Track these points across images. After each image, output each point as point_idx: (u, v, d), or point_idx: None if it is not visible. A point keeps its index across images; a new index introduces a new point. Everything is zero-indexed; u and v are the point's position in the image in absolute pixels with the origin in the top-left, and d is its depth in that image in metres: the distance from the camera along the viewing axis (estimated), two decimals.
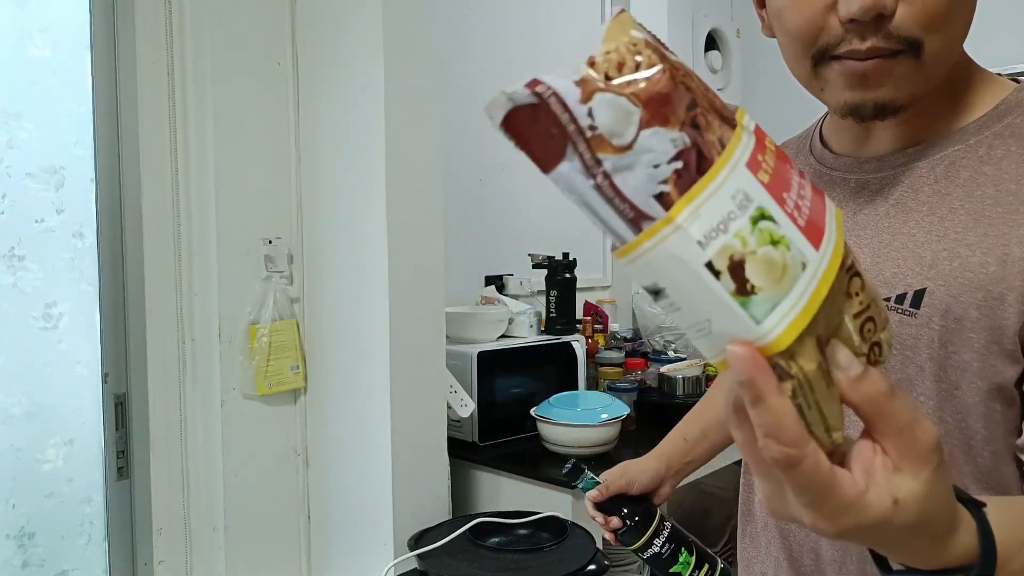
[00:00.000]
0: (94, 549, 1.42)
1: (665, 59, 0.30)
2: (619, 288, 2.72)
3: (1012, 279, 0.53)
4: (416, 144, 1.47)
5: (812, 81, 0.59)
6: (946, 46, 0.55)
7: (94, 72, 1.38)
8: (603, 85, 0.29)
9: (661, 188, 0.29)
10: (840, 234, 0.34)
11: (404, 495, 1.45)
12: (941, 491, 0.36)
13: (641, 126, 0.29)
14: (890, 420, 0.34)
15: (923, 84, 0.56)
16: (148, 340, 1.44)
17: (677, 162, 0.29)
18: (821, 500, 0.33)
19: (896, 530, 0.35)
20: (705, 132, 0.30)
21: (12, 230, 1.30)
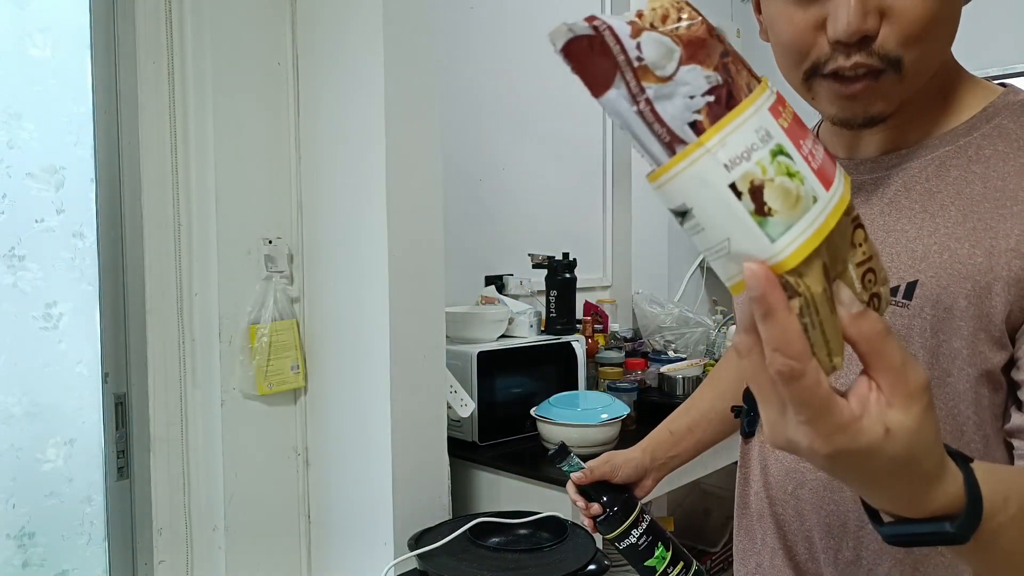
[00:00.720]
0: (94, 549, 1.42)
1: (704, 18, 0.35)
2: (619, 288, 2.72)
3: (999, 269, 0.57)
4: (416, 144, 1.47)
5: (804, 92, 0.63)
6: (925, 59, 0.58)
7: (94, 72, 1.39)
8: (651, 30, 0.34)
9: (695, 116, 0.33)
10: (848, 189, 0.38)
11: (404, 495, 1.45)
12: (929, 431, 0.38)
13: (681, 62, 0.33)
14: (884, 358, 0.37)
15: (906, 93, 0.60)
16: (148, 340, 1.44)
17: (710, 96, 0.33)
18: (818, 417, 0.36)
19: (885, 462, 0.37)
20: (736, 76, 0.35)
21: (12, 230, 1.30)
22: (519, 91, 2.36)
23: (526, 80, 2.38)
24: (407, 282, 1.45)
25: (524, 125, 2.38)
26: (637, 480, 0.98)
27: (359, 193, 1.46)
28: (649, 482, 0.99)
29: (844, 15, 0.55)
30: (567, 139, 2.55)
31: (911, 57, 0.57)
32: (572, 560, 1.21)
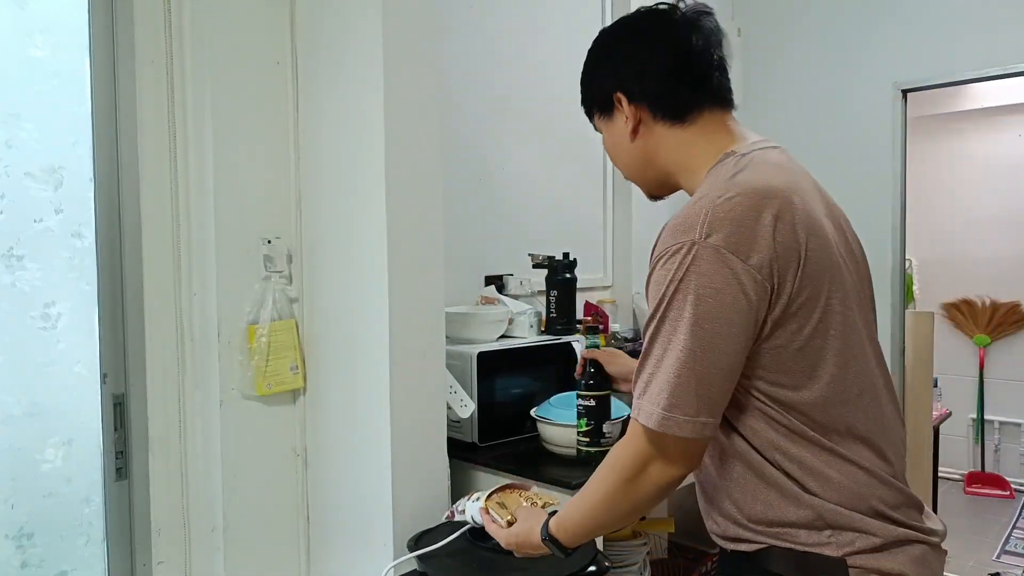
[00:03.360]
0: (93, 549, 1.41)
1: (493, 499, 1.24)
2: (619, 288, 2.72)
3: None
4: (416, 144, 1.47)
5: None
6: (628, 172, 1.11)
7: (93, 72, 1.38)
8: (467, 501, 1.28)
9: (462, 508, 1.28)
10: (502, 486, 1.27)
11: (404, 496, 1.45)
12: (521, 536, 1.10)
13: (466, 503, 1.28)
14: None
15: (646, 189, 1.13)
16: (147, 340, 1.44)
17: (467, 499, 1.28)
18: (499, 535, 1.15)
19: (514, 543, 1.12)
20: (489, 504, 1.22)
21: (11, 230, 1.30)
22: (519, 91, 2.35)
23: (526, 80, 2.38)
24: (407, 282, 1.45)
25: (524, 125, 2.38)
26: (623, 378, 1.42)
27: (358, 193, 1.46)
28: None
29: None
30: (567, 139, 2.55)
31: (623, 172, 1.12)
32: (572, 561, 1.20)
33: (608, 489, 0.96)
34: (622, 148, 1.06)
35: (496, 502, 1.20)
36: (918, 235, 4.11)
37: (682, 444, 0.89)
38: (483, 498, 1.20)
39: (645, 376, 0.90)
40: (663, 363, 0.88)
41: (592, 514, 0.99)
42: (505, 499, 1.21)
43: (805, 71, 3.16)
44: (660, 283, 0.88)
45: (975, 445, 4.42)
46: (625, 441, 0.94)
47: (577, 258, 2.12)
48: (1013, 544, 3.53)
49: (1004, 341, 4.36)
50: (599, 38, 1.10)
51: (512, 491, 1.25)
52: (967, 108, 4.38)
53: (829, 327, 0.90)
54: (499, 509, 1.17)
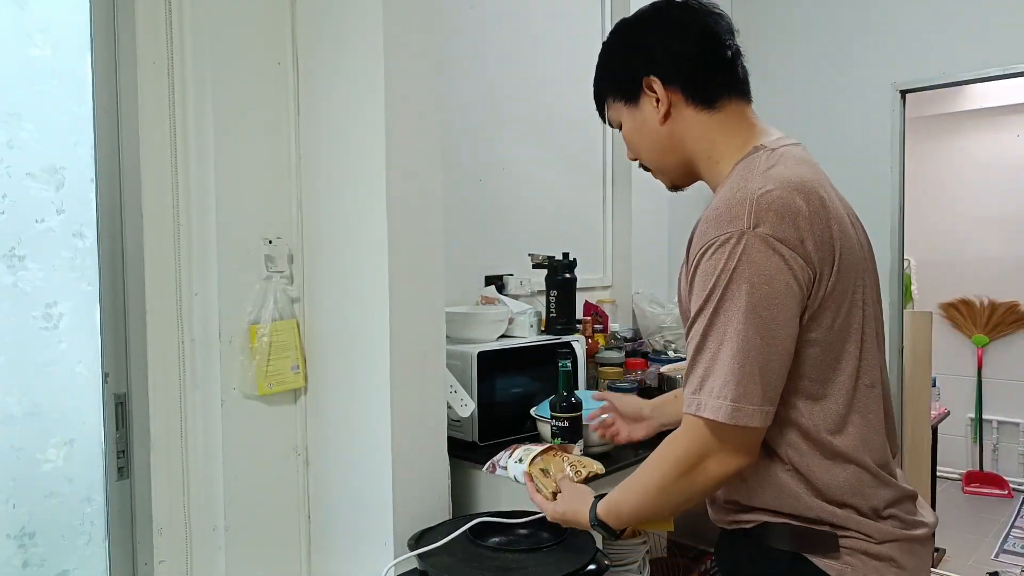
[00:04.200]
0: (94, 549, 1.42)
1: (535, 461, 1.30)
2: (619, 288, 2.72)
3: None
4: (416, 144, 1.47)
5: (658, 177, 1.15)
6: (656, 165, 1.10)
7: (94, 72, 1.39)
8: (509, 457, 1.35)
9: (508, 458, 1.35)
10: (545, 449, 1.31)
11: (404, 495, 1.45)
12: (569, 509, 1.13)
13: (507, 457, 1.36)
14: None
15: (670, 177, 1.11)
16: (148, 340, 1.44)
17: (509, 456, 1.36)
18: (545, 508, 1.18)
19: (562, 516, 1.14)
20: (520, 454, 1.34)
21: (12, 230, 1.30)
22: (519, 91, 2.36)
23: (526, 80, 2.38)
24: (407, 282, 1.45)
25: (524, 125, 2.38)
26: (633, 420, 1.41)
27: (359, 193, 1.46)
28: (642, 426, 1.39)
29: None
30: (567, 139, 2.55)
31: (646, 162, 1.11)
32: (572, 560, 1.21)
33: (662, 482, 0.96)
34: (648, 134, 1.05)
35: (539, 468, 1.21)
36: (917, 235, 4.11)
37: (745, 435, 0.90)
38: (527, 461, 1.23)
39: (700, 370, 0.90)
40: (721, 354, 0.88)
41: (644, 503, 1.00)
42: (548, 463, 1.22)
43: (804, 72, 3.17)
44: (710, 273, 0.88)
45: (973, 444, 4.43)
46: (681, 435, 0.94)
47: (577, 258, 2.13)
48: (1012, 543, 3.54)
49: (1002, 341, 4.37)
50: (621, 29, 1.09)
51: (555, 454, 1.26)
52: (966, 108, 4.39)
53: (853, 320, 0.93)
54: (543, 478, 1.18)
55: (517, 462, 1.25)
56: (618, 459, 1.63)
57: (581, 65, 2.60)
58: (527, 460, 1.24)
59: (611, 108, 1.11)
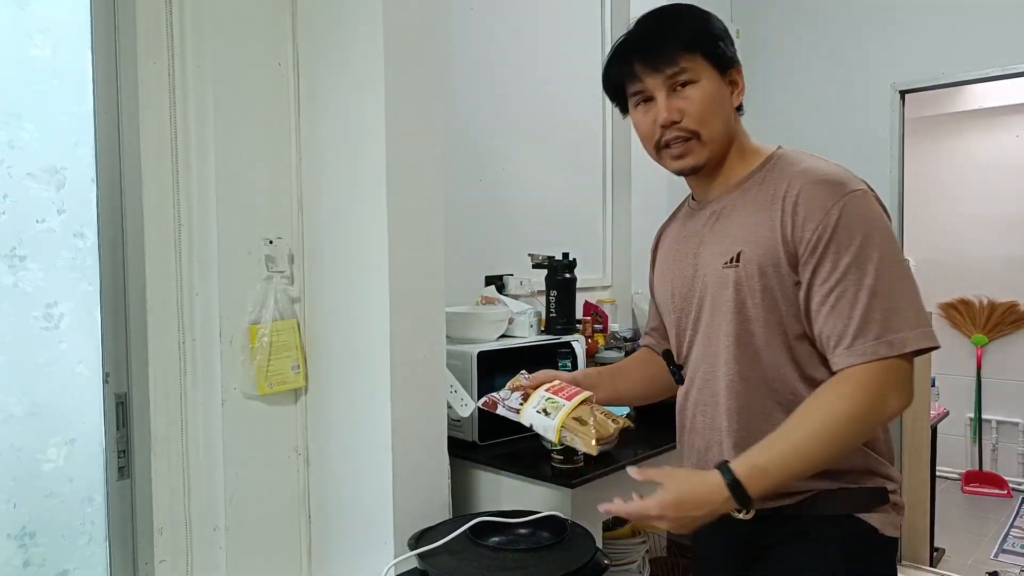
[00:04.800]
0: (95, 549, 1.42)
1: (521, 387, 1.24)
2: (619, 288, 2.73)
3: (779, 243, 1.03)
4: (416, 144, 1.47)
5: (658, 160, 1.14)
6: (712, 134, 1.09)
7: (95, 72, 1.39)
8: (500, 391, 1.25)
9: (520, 402, 1.20)
10: (584, 396, 1.17)
11: (404, 494, 1.45)
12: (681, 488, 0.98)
13: (511, 393, 1.22)
14: None
15: (709, 154, 1.10)
16: (149, 340, 1.45)
17: (521, 396, 1.20)
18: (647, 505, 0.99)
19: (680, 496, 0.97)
20: (528, 392, 1.21)
21: (13, 230, 1.30)
22: (519, 91, 2.36)
23: (526, 80, 2.38)
24: (407, 282, 1.45)
25: (524, 125, 2.39)
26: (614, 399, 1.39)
27: (360, 193, 1.47)
28: None
29: (662, 113, 1.08)
30: (567, 139, 2.56)
31: (703, 131, 1.08)
32: (572, 559, 1.21)
33: (837, 427, 0.95)
34: (724, 108, 1.10)
35: (574, 418, 1.09)
36: (916, 235, 4.11)
37: (911, 369, 0.97)
38: (559, 415, 1.10)
39: (880, 310, 0.95)
40: (899, 289, 0.96)
41: (806, 452, 0.95)
42: (582, 413, 1.11)
43: (803, 73, 3.17)
44: (861, 217, 0.98)
45: (973, 444, 4.43)
46: (864, 376, 0.95)
47: (577, 258, 2.13)
48: (1011, 543, 3.54)
49: (1002, 341, 4.37)
50: (707, 12, 1.13)
51: (589, 404, 1.14)
52: (966, 108, 4.39)
53: None
54: (579, 427, 1.08)
55: (540, 412, 1.11)
56: (617, 458, 1.64)
57: (581, 65, 2.62)
58: (559, 414, 1.09)
59: (695, 61, 1.06)
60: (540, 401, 1.14)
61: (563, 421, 1.09)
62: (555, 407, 1.12)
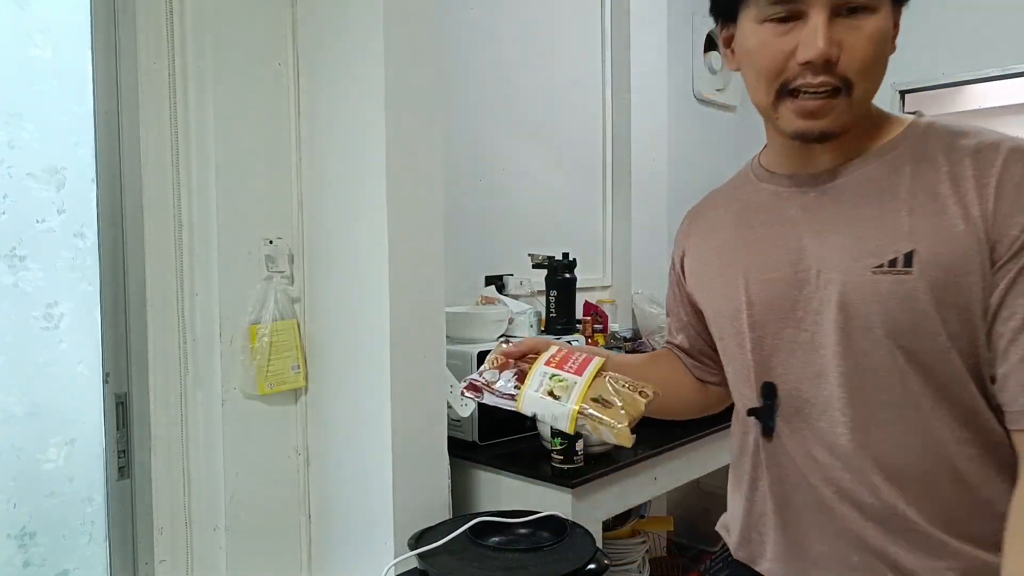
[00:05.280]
0: (95, 548, 1.42)
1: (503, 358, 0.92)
2: (619, 288, 2.73)
3: (974, 235, 0.72)
4: (416, 144, 1.47)
5: (770, 111, 0.79)
6: (868, 90, 0.77)
7: (95, 72, 1.39)
8: (483, 370, 0.91)
9: (515, 384, 0.87)
10: (598, 365, 0.86)
11: (404, 494, 1.45)
12: None
13: (499, 374, 0.88)
14: None
15: (851, 118, 0.77)
16: (149, 340, 1.45)
17: (515, 376, 0.88)
18: None
19: None
20: (523, 366, 0.89)
21: (13, 230, 1.30)
22: (519, 91, 2.36)
23: (526, 80, 2.38)
24: (407, 282, 1.45)
25: (524, 125, 2.38)
26: None
27: (359, 193, 1.47)
28: None
29: (815, 42, 0.72)
30: (567, 139, 2.56)
31: (860, 84, 0.75)
32: (572, 559, 1.21)
33: None
34: (887, 51, 0.78)
35: (593, 399, 0.80)
36: None
37: None
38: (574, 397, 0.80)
39: None
40: None
41: None
42: (599, 390, 0.82)
43: None
44: None
45: None
46: None
47: (577, 258, 2.13)
48: None
49: None
50: None
51: (603, 376, 0.85)
52: (966, 108, 4.39)
53: None
54: (604, 410, 0.79)
55: (546, 396, 0.82)
56: (617, 459, 1.64)
57: (581, 65, 2.62)
58: (573, 394, 0.80)
59: None
60: (543, 380, 0.83)
61: (580, 404, 0.79)
62: (564, 386, 0.82)
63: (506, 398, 0.86)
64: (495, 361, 0.90)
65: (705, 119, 3.18)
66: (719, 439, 1.89)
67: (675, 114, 2.95)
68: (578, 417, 0.80)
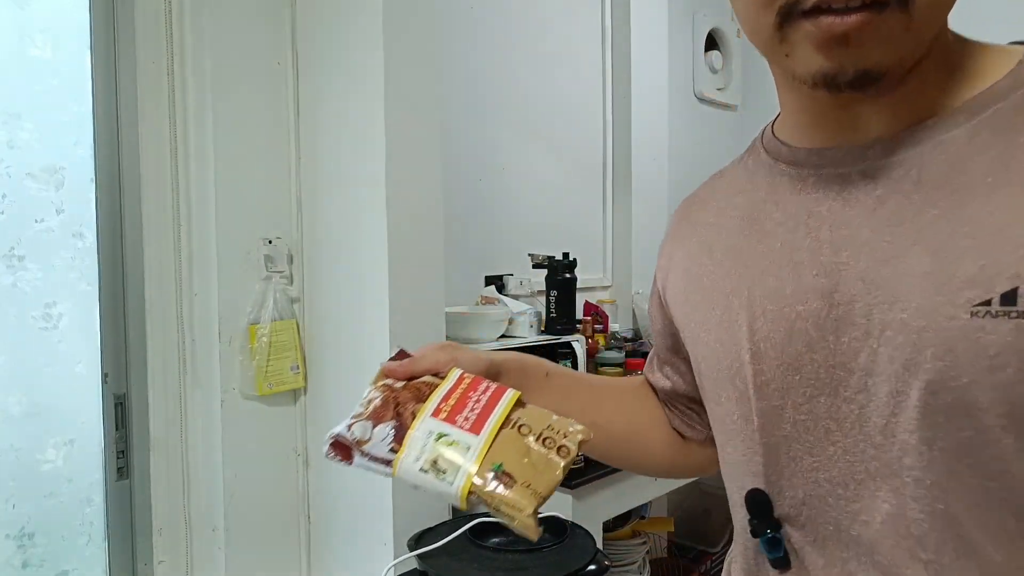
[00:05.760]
0: (94, 549, 1.41)
1: (389, 390, 0.64)
2: (619, 288, 2.72)
3: None
4: (416, 144, 1.47)
5: (775, 45, 0.48)
6: (936, 7, 0.46)
7: (94, 72, 1.38)
8: (357, 419, 0.61)
9: (391, 446, 0.59)
10: (509, 403, 0.60)
11: (404, 495, 1.45)
12: None
13: (373, 427, 0.60)
14: None
15: (911, 48, 0.47)
16: (148, 340, 1.44)
17: (393, 432, 0.59)
18: None
19: None
20: (404, 414, 0.61)
21: (12, 230, 1.30)
22: (519, 91, 2.36)
23: (526, 80, 2.38)
24: (407, 282, 1.45)
25: (524, 125, 2.38)
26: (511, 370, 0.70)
27: (359, 193, 1.46)
28: None
29: None
30: (567, 139, 2.55)
31: None
32: (572, 560, 1.20)
33: None
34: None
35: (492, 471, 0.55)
36: None
37: None
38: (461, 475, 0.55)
39: None
40: None
41: None
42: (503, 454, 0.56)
43: None
44: None
45: None
46: None
47: (577, 258, 2.12)
48: None
49: None
50: None
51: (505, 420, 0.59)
52: None
53: None
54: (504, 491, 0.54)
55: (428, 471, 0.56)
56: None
57: (582, 66, 2.62)
58: (463, 467, 0.55)
59: None
60: (426, 442, 0.57)
61: (470, 480, 0.55)
62: (455, 451, 0.56)
63: (380, 463, 0.59)
64: (373, 390, 0.65)
65: (706, 119, 3.17)
66: None
67: (675, 113, 2.95)
68: (468, 497, 0.55)
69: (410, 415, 0.60)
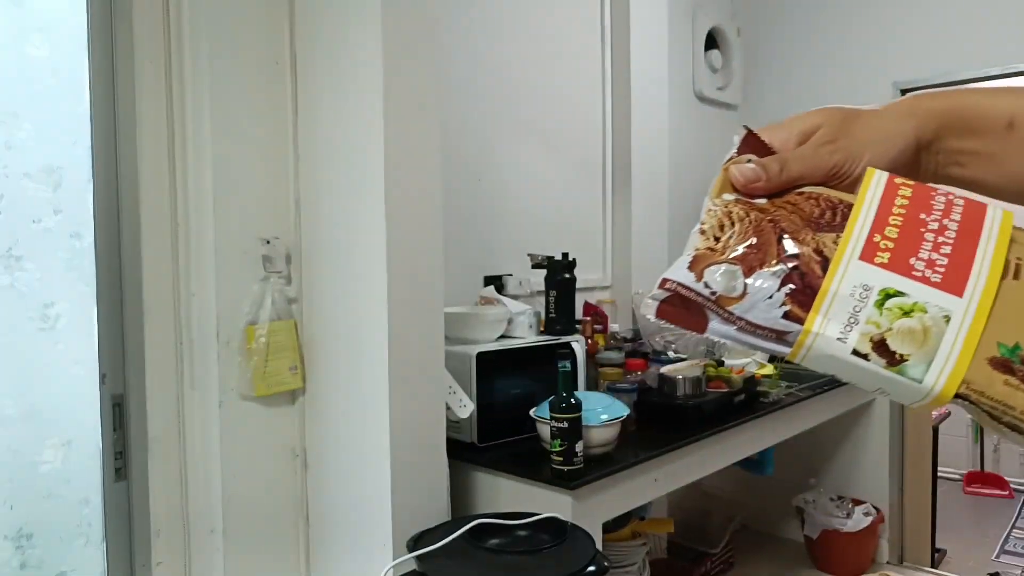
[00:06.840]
0: (92, 550, 1.41)
1: (752, 209, 0.39)
2: (619, 288, 2.72)
3: None
4: (415, 144, 1.46)
5: None
6: None
7: (92, 72, 1.38)
8: (708, 261, 0.37)
9: (784, 309, 0.36)
10: (1001, 243, 0.35)
11: (403, 496, 1.44)
12: None
13: (745, 276, 0.37)
14: None
15: None
16: (146, 341, 1.44)
17: (786, 286, 0.36)
18: None
19: None
20: (802, 250, 0.37)
21: (10, 230, 1.30)
22: (519, 90, 2.35)
23: (526, 79, 2.38)
24: (406, 282, 1.44)
25: (524, 125, 2.38)
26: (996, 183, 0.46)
27: (358, 193, 1.46)
28: None
29: None
30: (567, 139, 2.55)
31: None
32: (572, 562, 1.20)
33: None
34: None
35: (989, 361, 0.33)
36: None
37: None
38: (935, 370, 0.33)
39: None
40: None
41: None
42: (1002, 330, 0.33)
43: (804, 71, 3.16)
44: None
45: (974, 445, 4.42)
46: None
47: (577, 258, 2.12)
48: (1012, 544, 3.53)
49: None
50: None
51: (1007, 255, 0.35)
52: None
53: None
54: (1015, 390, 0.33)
55: (868, 346, 0.34)
56: (617, 460, 1.63)
57: (581, 65, 2.61)
58: (940, 354, 0.33)
59: None
60: (859, 310, 0.35)
61: (960, 377, 0.33)
62: (920, 328, 0.34)
63: (766, 336, 0.37)
64: (724, 208, 0.40)
65: (706, 118, 3.17)
66: (720, 440, 1.89)
67: (676, 113, 2.94)
68: (960, 401, 0.35)
69: (816, 256, 0.36)
